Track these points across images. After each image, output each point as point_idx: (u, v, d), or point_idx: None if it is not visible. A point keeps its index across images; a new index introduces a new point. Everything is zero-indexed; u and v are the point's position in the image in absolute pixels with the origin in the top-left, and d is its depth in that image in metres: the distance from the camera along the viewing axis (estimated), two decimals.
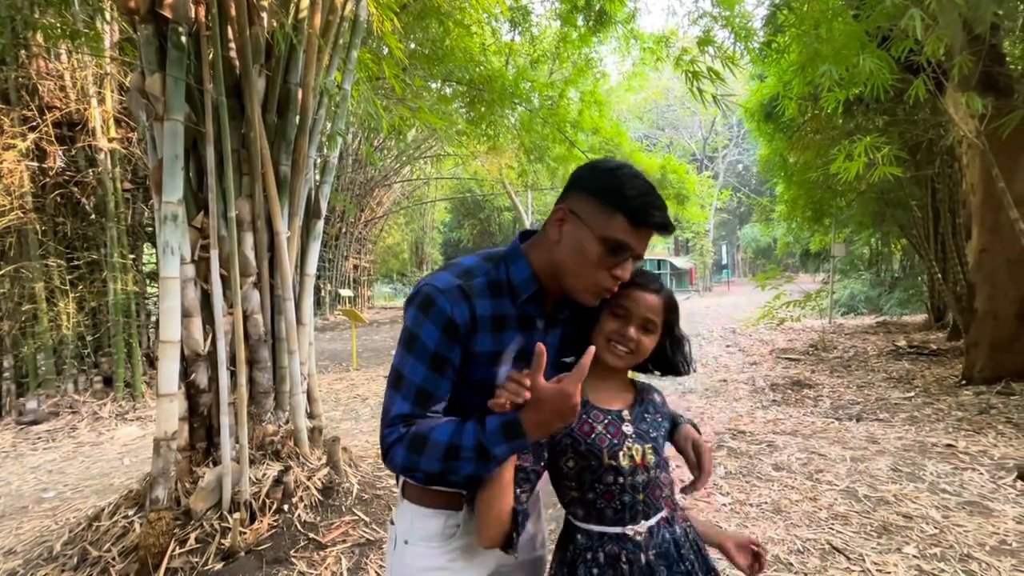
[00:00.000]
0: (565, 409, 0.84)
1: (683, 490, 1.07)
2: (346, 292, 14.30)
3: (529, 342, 1.00)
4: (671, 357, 1.10)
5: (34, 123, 5.27)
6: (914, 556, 2.29)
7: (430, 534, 1.01)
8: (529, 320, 1.01)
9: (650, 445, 1.02)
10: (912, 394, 5.15)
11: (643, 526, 0.99)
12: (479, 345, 0.96)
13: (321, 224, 3.21)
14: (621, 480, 0.98)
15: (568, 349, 1.10)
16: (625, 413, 1.05)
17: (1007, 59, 5.12)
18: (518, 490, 0.96)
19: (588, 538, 0.99)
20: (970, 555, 2.27)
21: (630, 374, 1.15)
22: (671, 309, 1.06)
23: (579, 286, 0.95)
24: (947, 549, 2.33)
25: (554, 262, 0.96)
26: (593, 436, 1.00)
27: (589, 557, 0.98)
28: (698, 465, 1.07)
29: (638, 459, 0.99)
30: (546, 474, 1.04)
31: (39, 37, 4.98)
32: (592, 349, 0.86)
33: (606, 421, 1.02)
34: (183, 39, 2.40)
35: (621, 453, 0.99)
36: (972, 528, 2.49)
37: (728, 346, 8.92)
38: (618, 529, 0.98)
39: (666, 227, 0.93)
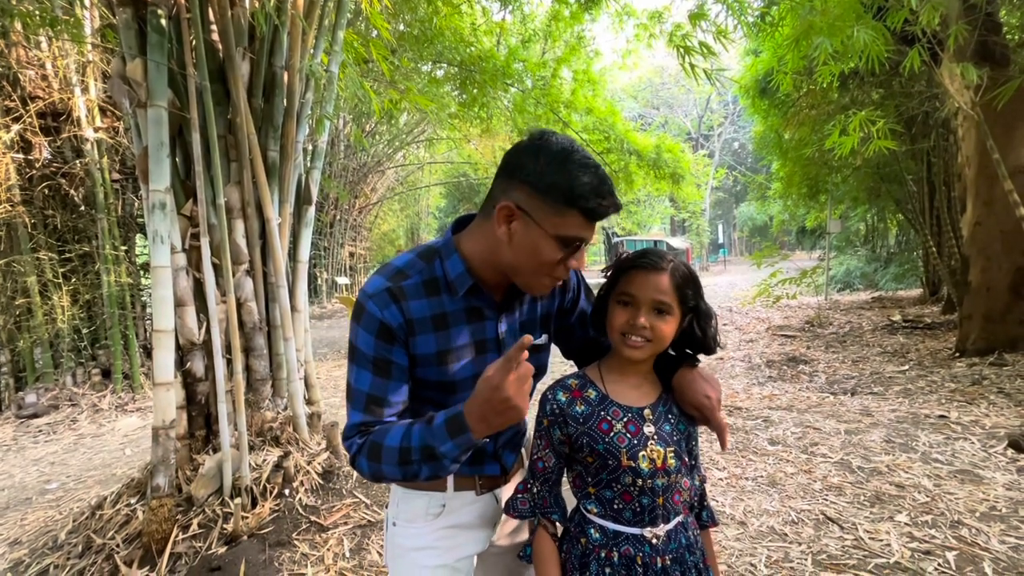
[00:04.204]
0: (494, 400, 0.78)
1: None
2: (343, 280, 14.29)
3: (481, 333, 0.98)
4: (700, 337, 0.99)
5: (17, 114, 5.18)
6: (906, 524, 2.34)
7: (415, 514, 1.03)
8: (477, 311, 0.97)
9: (672, 448, 0.95)
10: (906, 367, 5.20)
11: (662, 529, 0.94)
12: (420, 348, 0.93)
13: (312, 210, 3.18)
14: (640, 482, 0.93)
15: (537, 328, 1.08)
16: (647, 412, 0.98)
17: (1003, 28, 5.05)
18: (546, 491, 1.00)
19: (603, 535, 0.95)
20: (961, 521, 2.32)
21: None
22: (685, 283, 0.95)
23: (534, 282, 0.92)
24: (938, 516, 2.38)
25: (503, 259, 0.91)
26: (612, 434, 0.94)
27: (603, 555, 0.94)
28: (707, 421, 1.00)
29: (659, 463, 0.93)
30: None
31: (17, 25, 4.86)
32: (527, 338, 0.79)
33: (625, 419, 0.96)
34: (163, 22, 2.35)
35: (641, 455, 0.93)
36: (963, 496, 2.54)
37: (724, 324, 8.96)
38: (636, 530, 0.94)
39: (617, 211, 0.89)
